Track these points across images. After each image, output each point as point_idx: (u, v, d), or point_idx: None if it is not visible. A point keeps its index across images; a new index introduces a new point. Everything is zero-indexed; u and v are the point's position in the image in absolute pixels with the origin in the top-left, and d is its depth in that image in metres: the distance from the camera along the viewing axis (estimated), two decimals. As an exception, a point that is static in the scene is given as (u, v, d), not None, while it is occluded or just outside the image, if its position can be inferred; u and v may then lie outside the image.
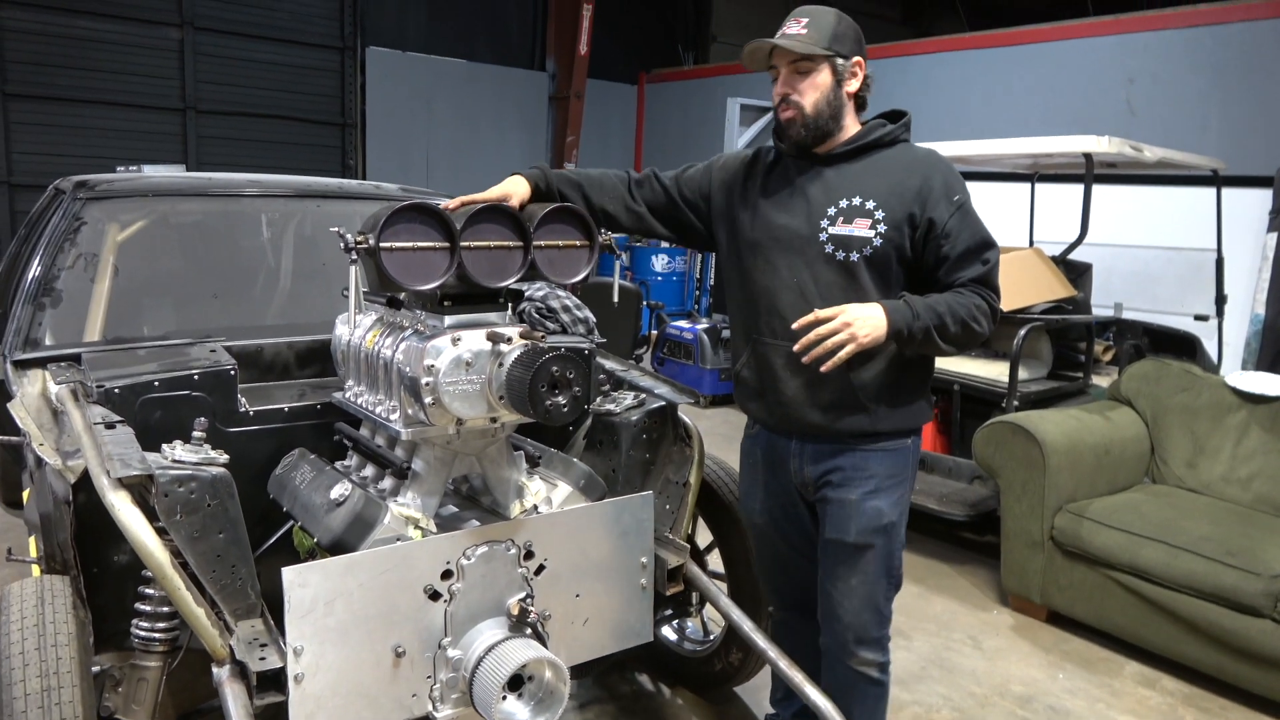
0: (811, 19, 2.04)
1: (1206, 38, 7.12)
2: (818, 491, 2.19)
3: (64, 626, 1.73)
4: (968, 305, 2.00)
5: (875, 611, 2.18)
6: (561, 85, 10.99)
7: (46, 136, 8.38)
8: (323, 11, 9.73)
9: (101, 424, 1.89)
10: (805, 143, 2.08)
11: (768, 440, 2.26)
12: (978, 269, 2.03)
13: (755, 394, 2.22)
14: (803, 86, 2.04)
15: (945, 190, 2.03)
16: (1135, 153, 4.54)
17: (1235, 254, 5.86)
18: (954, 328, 1.98)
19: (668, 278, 10.28)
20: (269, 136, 9.53)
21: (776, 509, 2.31)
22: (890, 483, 2.15)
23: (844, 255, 2.04)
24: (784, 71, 2.07)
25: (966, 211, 2.04)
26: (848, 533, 2.14)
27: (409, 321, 2.11)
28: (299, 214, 3.29)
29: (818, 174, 2.10)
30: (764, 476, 2.30)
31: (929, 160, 2.09)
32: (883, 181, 2.05)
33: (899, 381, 2.10)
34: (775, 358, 2.12)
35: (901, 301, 1.99)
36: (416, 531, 2.03)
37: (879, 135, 2.09)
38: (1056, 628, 3.66)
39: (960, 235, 2.02)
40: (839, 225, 2.04)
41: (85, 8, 8.37)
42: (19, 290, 2.65)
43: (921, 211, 2.02)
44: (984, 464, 3.85)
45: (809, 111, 2.04)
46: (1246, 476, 3.69)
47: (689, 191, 2.30)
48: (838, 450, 2.14)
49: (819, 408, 2.09)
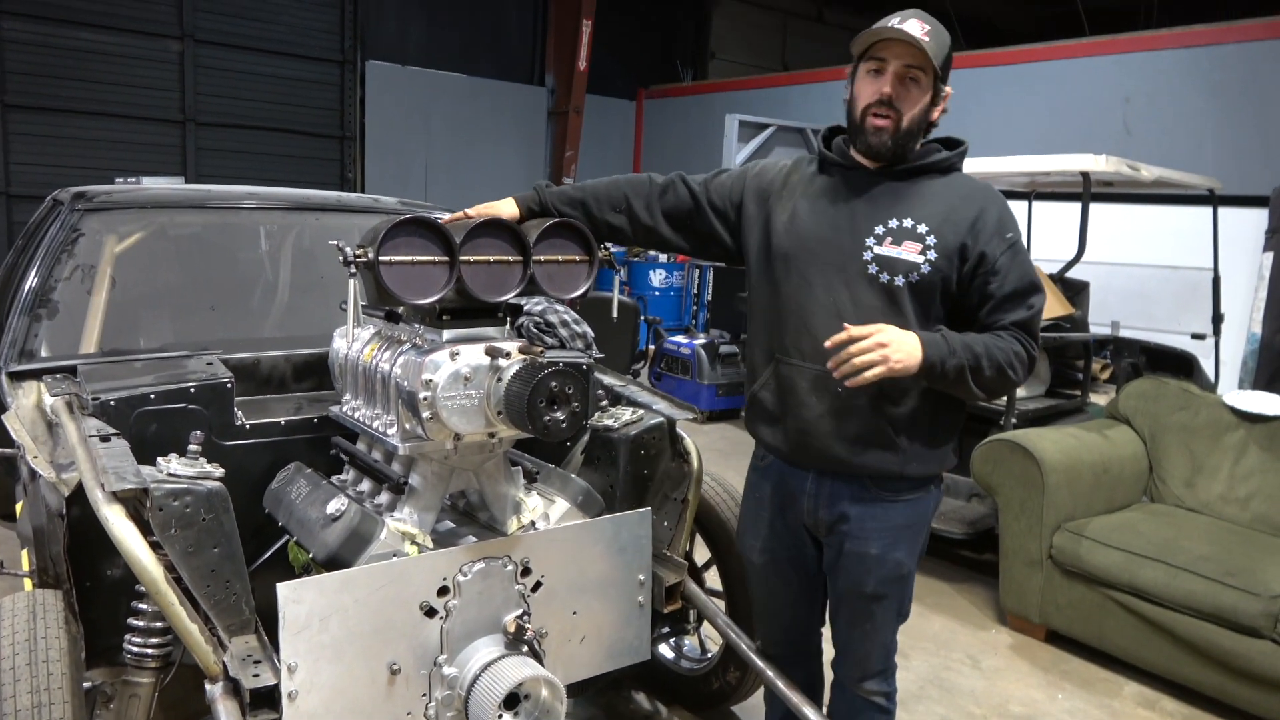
0: (934, 29, 1.86)
1: (1203, 58, 7.18)
2: (831, 535, 2.04)
3: (55, 642, 1.70)
4: (1006, 351, 1.86)
5: (883, 649, 2.12)
6: (560, 100, 11.03)
7: (45, 147, 8.38)
8: (323, 25, 9.77)
9: (96, 436, 1.88)
10: (883, 155, 1.91)
11: (779, 475, 2.09)
12: (1022, 313, 1.89)
13: (773, 418, 2.04)
14: (910, 96, 1.87)
15: (999, 226, 1.89)
16: (1132, 172, 4.55)
17: (1232, 273, 5.88)
18: (989, 371, 1.84)
19: (665, 293, 10.29)
20: (268, 149, 9.55)
21: (780, 549, 2.15)
22: (909, 533, 2.02)
23: (888, 278, 1.88)
24: (894, 72, 1.86)
25: (1018, 250, 1.90)
26: (865, 584, 2.02)
27: (407, 335, 2.10)
28: (297, 226, 3.29)
29: (866, 188, 1.95)
30: (770, 515, 2.13)
31: (985, 193, 1.95)
32: (937, 207, 1.90)
33: (932, 421, 1.95)
34: (800, 380, 1.96)
35: (939, 335, 1.84)
36: (413, 547, 2.02)
37: (937, 159, 1.94)
38: (1055, 647, 3.64)
39: (1009, 275, 1.88)
40: (886, 245, 1.89)
41: (86, 20, 8.39)
42: (15, 301, 2.64)
43: (974, 244, 1.87)
44: (982, 482, 3.84)
45: (905, 125, 1.88)
46: (1245, 496, 3.68)
47: (718, 198, 2.13)
48: (858, 495, 1.98)
49: (845, 439, 1.93)
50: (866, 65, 1.91)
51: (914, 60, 1.85)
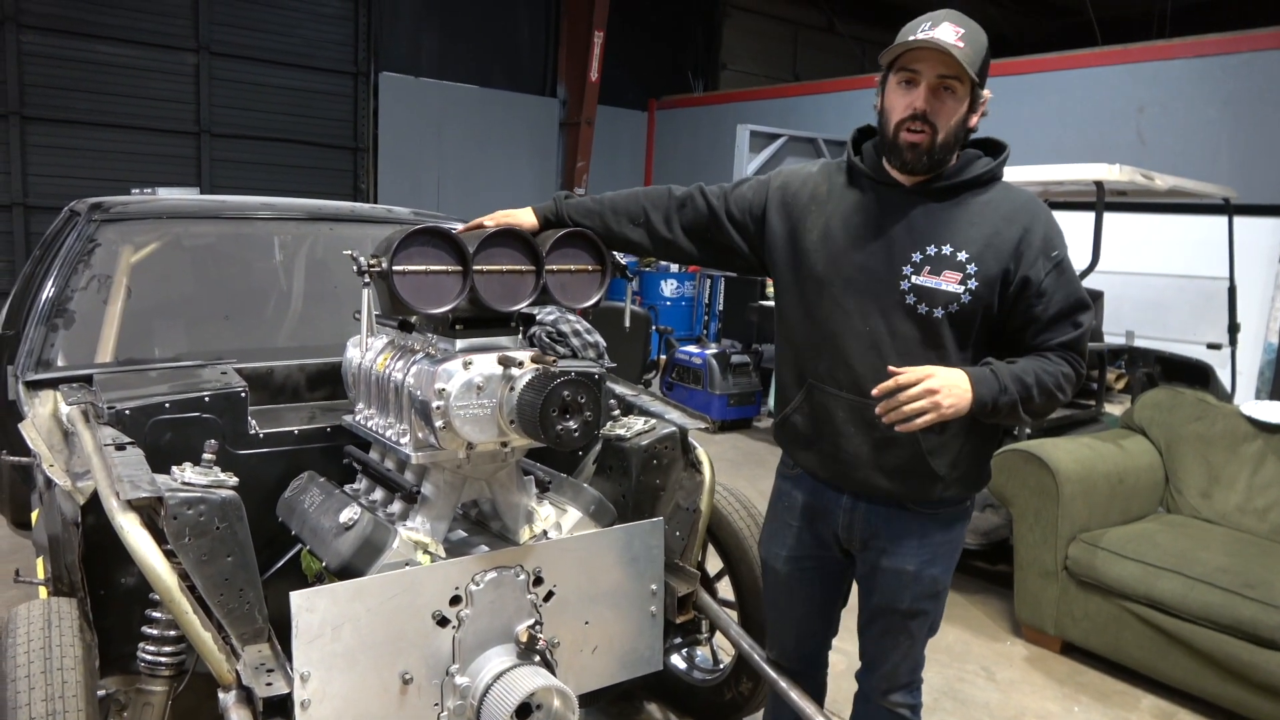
0: (968, 32, 1.73)
1: (1215, 67, 7.15)
2: (866, 550, 2.00)
3: (70, 650, 1.71)
4: (1055, 375, 1.77)
5: (913, 662, 2.08)
6: (572, 111, 11.07)
7: (63, 159, 8.46)
8: (337, 38, 9.85)
9: (112, 445, 1.89)
10: (918, 171, 1.81)
11: (812, 488, 2.03)
12: (1069, 333, 1.80)
13: (808, 442, 1.98)
14: (946, 109, 1.75)
15: (1045, 246, 1.79)
16: (1146, 181, 4.53)
17: (1248, 282, 5.84)
18: (1039, 399, 1.76)
19: (676, 302, 10.29)
20: (282, 160, 9.62)
21: (806, 559, 2.08)
22: (947, 548, 1.98)
23: (926, 309, 1.80)
24: (928, 84, 1.74)
25: (1064, 269, 1.80)
26: (901, 601, 1.97)
27: (420, 345, 2.11)
28: (311, 237, 3.31)
29: (903, 210, 1.83)
30: (798, 525, 2.06)
31: (1030, 209, 1.83)
32: (979, 231, 1.80)
33: (971, 448, 1.91)
34: (837, 409, 1.89)
35: (988, 371, 1.75)
36: (425, 556, 2.02)
37: (978, 173, 1.83)
38: (1071, 659, 3.60)
39: (1055, 296, 1.79)
40: (924, 275, 1.79)
41: (104, 33, 8.48)
42: (33, 311, 2.67)
43: (1016, 268, 1.78)
44: (996, 493, 3.81)
45: (940, 139, 1.76)
46: (1263, 507, 3.64)
47: (737, 210, 2.04)
48: (895, 515, 1.93)
49: (884, 471, 1.88)
50: (897, 76, 1.79)
51: (948, 70, 1.73)
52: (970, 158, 1.86)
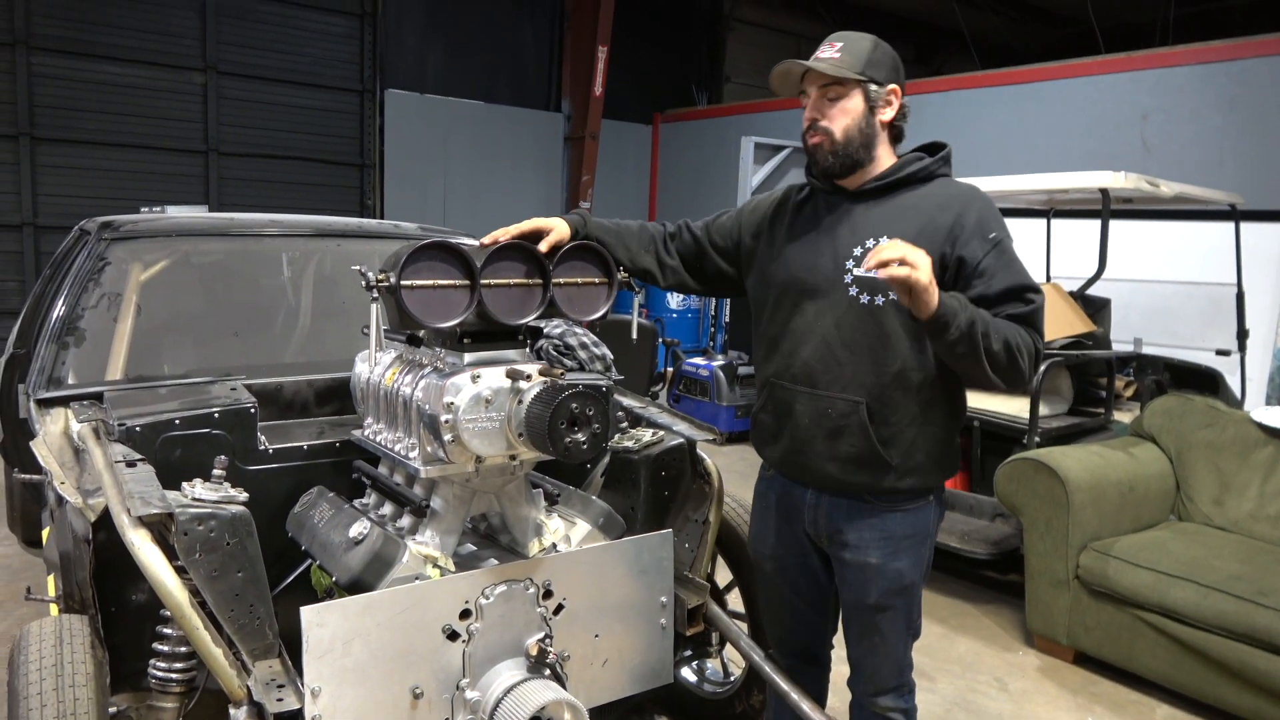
0: (846, 43, 1.96)
1: (1219, 74, 7.14)
2: (833, 547, 2.09)
3: (82, 667, 1.72)
4: (1011, 330, 1.82)
5: (895, 664, 2.12)
6: (577, 126, 11.12)
7: (72, 179, 8.53)
8: (344, 56, 9.92)
9: (122, 462, 1.90)
10: (833, 171, 1.97)
11: (782, 486, 2.16)
12: (1020, 307, 1.86)
13: (772, 437, 2.12)
14: (832, 112, 1.94)
15: (979, 227, 1.88)
16: (1152, 188, 4.53)
17: (1256, 288, 5.82)
18: (996, 345, 1.79)
19: (683, 314, 10.30)
20: (289, 177, 9.67)
21: (788, 556, 2.20)
22: (910, 543, 2.04)
23: (869, 299, 1.92)
24: (814, 96, 1.96)
25: (1004, 250, 1.88)
26: (868, 595, 2.05)
27: (428, 359, 2.11)
28: (319, 253, 3.33)
29: (846, 212, 2.00)
30: (776, 522, 2.20)
31: (965, 197, 1.94)
32: (914, 222, 1.91)
33: (921, 434, 1.97)
34: (795, 403, 2.02)
35: (953, 296, 1.80)
36: (435, 570, 2.02)
37: (913, 170, 1.97)
38: (1084, 669, 3.58)
39: (997, 275, 1.86)
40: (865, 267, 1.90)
41: (113, 54, 8.56)
42: (43, 329, 2.68)
43: (952, 250, 1.88)
44: (1006, 501, 3.80)
45: (838, 138, 1.94)
46: (1276, 513, 3.62)
47: (719, 238, 2.23)
48: (855, 508, 2.03)
49: (837, 459, 1.99)
50: (800, 101, 2.02)
51: (825, 80, 1.94)
52: (910, 159, 2.00)
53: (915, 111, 2.11)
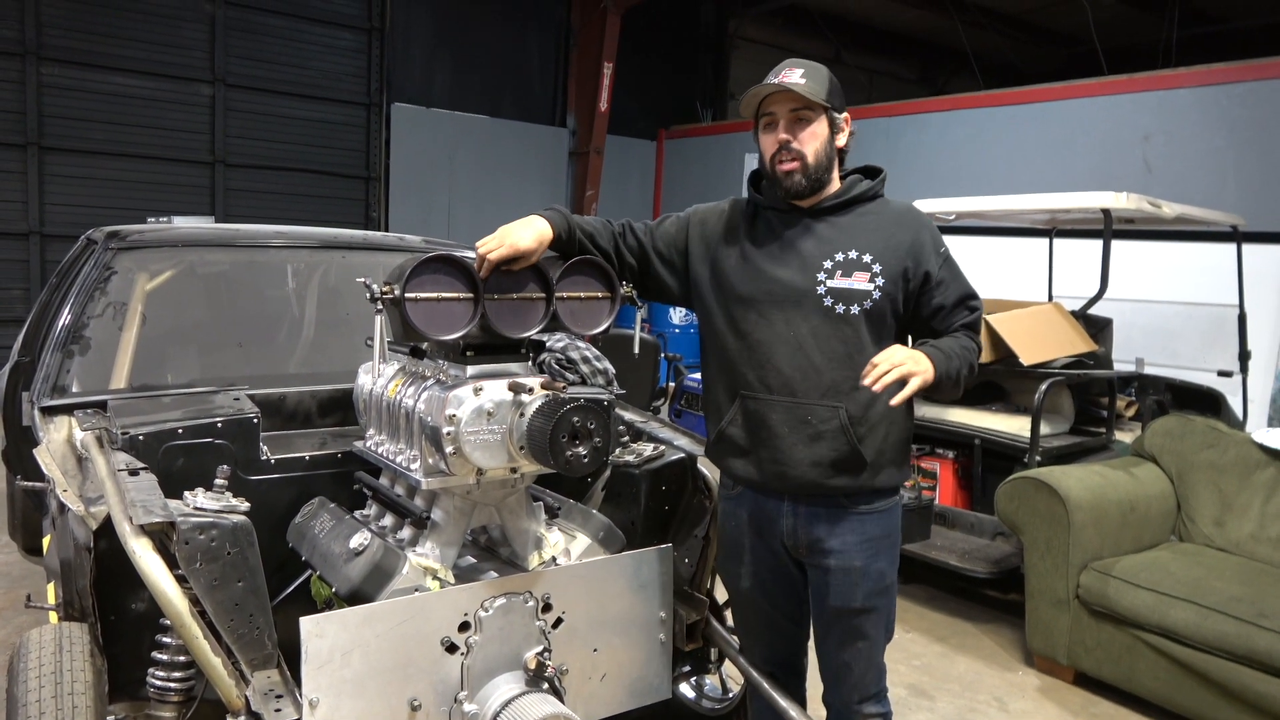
0: (807, 69, 2.04)
1: (1221, 96, 7.18)
2: (813, 555, 2.13)
3: (81, 675, 1.72)
4: (970, 349, 2.07)
5: (877, 667, 2.19)
6: (582, 141, 11.17)
7: (79, 189, 8.57)
8: (351, 70, 9.99)
9: (125, 470, 1.90)
10: (803, 193, 2.06)
11: (753, 501, 2.18)
12: (967, 315, 2.10)
13: (743, 451, 2.14)
14: (804, 135, 2.03)
15: (934, 244, 2.09)
16: (1153, 208, 4.55)
17: (1258, 309, 5.82)
18: (965, 371, 2.04)
19: (685, 330, 10.31)
20: (295, 189, 9.72)
21: (764, 572, 2.22)
22: (887, 543, 2.14)
23: (843, 309, 2.03)
24: (785, 119, 2.04)
25: (951, 263, 2.11)
26: (854, 598, 2.10)
27: (431, 371, 2.12)
28: (324, 265, 3.34)
29: (807, 227, 2.09)
30: (749, 540, 2.21)
31: (913, 215, 2.13)
32: (876, 236, 2.06)
33: (892, 432, 2.09)
34: (771, 414, 2.07)
35: (932, 349, 2.00)
36: (435, 582, 2.02)
37: (862, 190, 2.11)
38: (1084, 690, 3.57)
39: (951, 285, 2.08)
40: (837, 278, 2.03)
41: (122, 65, 8.62)
42: (49, 338, 2.70)
43: (916, 265, 2.05)
44: (1006, 520, 3.79)
45: (811, 161, 2.03)
46: (1277, 535, 3.61)
47: (663, 246, 2.24)
48: (834, 514, 2.09)
49: (819, 465, 2.04)
50: (762, 122, 2.10)
51: (797, 103, 2.03)
52: (855, 181, 2.14)
53: (919, 130, 2.19)
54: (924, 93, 13.05)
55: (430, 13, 10.44)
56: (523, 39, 11.25)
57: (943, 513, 4.56)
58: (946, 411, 4.63)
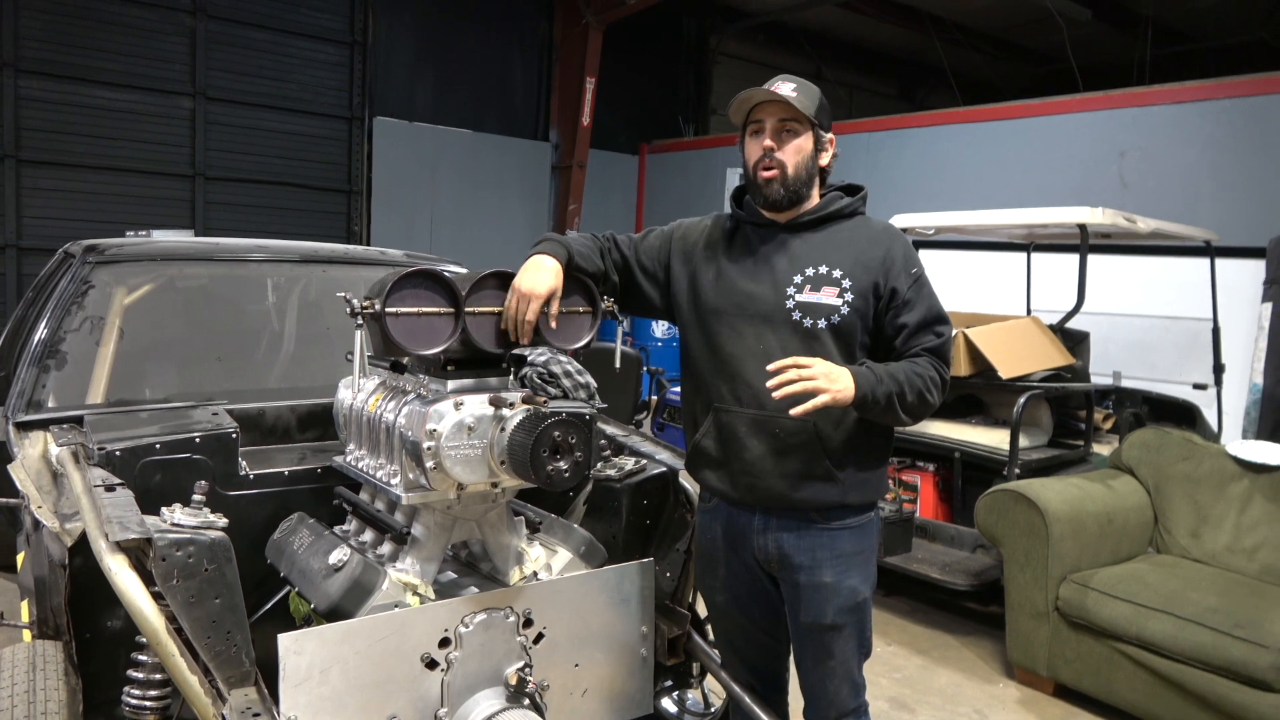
0: (799, 85, 2.07)
1: (1194, 113, 7.29)
2: (784, 571, 2.12)
3: (55, 694, 1.70)
4: (924, 376, 2.00)
5: (852, 683, 2.18)
6: (564, 155, 11.20)
7: (58, 201, 8.49)
8: (333, 84, 9.97)
9: (101, 486, 1.89)
10: (780, 204, 2.08)
11: (727, 515, 2.18)
12: (932, 340, 2.05)
13: (717, 463, 2.14)
14: (788, 148, 2.06)
15: (905, 263, 2.07)
16: (1129, 224, 4.61)
17: (1232, 323, 5.90)
18: (911, 398, 1.98)
19: (667, 343, 10.32)
20: (276, 203, 9.67)
21: (739, 586, 2.21)
22: (860, 559, 2.12)
23: (811, 323, 2.04)
24: (771, 127, 2.06)
25: (923, 284, 2.08)
26: (824, 615, 2.09)
27: (412, 386, 2.12)
28: (304, 279, 3.33)
29: (782, 242, 2.11)
30: (724, 554, 2.21)
31: (889, 233, 2.13)
32: (848, 252, 2.07)
33: (866, 449, 2.08)
34: (740, 426, 2.08)
35: (865, 367, 1.99)
36: (415, 598, 2.01)
37: (840, 206, 2.12)
38: (1064, 701, 3.58)
39: (917, 306, 2.05)
40: (806, 293, 2.04)
41: (102, 79, 8.56)
42: (24, 352, 2.67)
43: (885, 281, 2.05)
44: (986, 533, 3.81)
45: (790, 173, 2.05)
46: (1251, 546, 3.65)
47: (647, 260, 2.26)
48: (805, 528, 2.08)
49: (787, 477, 2.04)
50: (749, 129, 2.12)
51: (786, 114, 2.06)
52: (834, 197, 2.15)
53: (899, 145, 2.20)
54: (904, 108, 13.17)
55: (413, 27, 10.45)
56: (505, 54, 11.28)
57: (923, 525, 4.58)
58: (926, 424, 4.66)
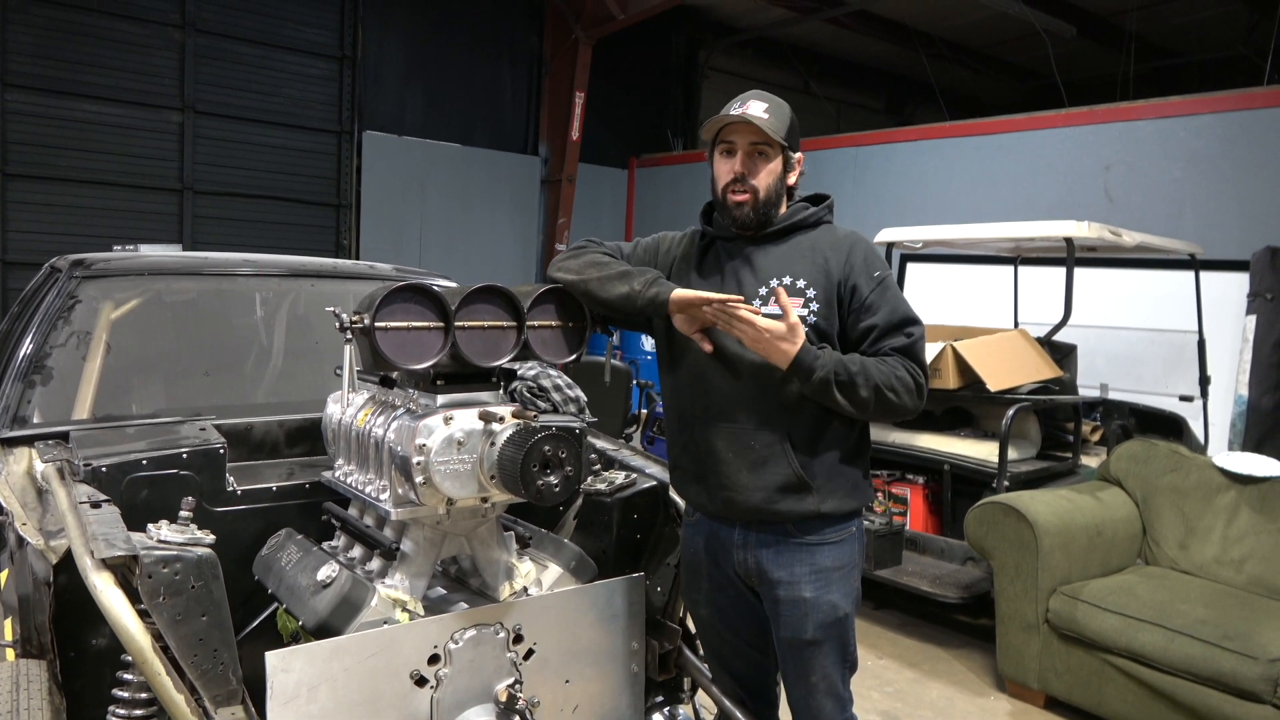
0: (772, 105, 2.07)
1: (1179, 128, 7.36)
2: (764, 586, 2.12)
3: (39, 713, 1.67)
4: (887, 373, 1.97)
5: (836, 699, 2.16)
6: (554, 169, 11.23)
7: (44, 215, 8.45)
8: (322, 98, 9.97)
9: (87, 503, 1.87)
10: (750, 226, 2.09)
11: (709, 529, 2.18)
12: (900, 340, 2.02)
13: (695, 478, 2.15)
14: (760, 172, 2.06)
15: (866, 265, 2.07)
16: (1114, 237, 4.65)
17: (1217, 336, 5.95)
18: (864, 391, 1.95)
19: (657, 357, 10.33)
20: (264, 217, 9.65)
21: (723, 599, 2.21)
22: (840, 575, 2.10)
23: None
24: (743, 151, 2.07)
25: (888, 287, 2.06)
26: (804, 631, 2.08)
27: (401, 400, 2.11)
28: (293, 293, 3.31)
29: (747, 256, 2.12)
30: (707, 568, 2.20)
31: (851, 238, 2.12)
32: (810, 261, 2.08)
33: (841, 460, 2.07)
34: (715, 439, 2.08)
35: (819, 348, 1.98)
36: (404, 614, 2.00)
37: (803, 217, 2.13)
38: (1055, 714, 3.58)
39: (882, 308, 2.03)
40: (771, 305, 2.03)
41: (89, 92, 8.55)
42: (9, 367, 2.65)
43: (846, 281, 2.05)
44: (976, 545, 3.82)
45: (761, 196, 2.07)
46: (1239, 558, 3.67)
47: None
48: (783, 544, 2.07)
49: (763, 489, 2.04)
50: (719, 148, 2.12)
51: (758, 138, 2.05)
52: (799, 208, 2.16)
53: (886, 159, 2.21)
54: (891, 123, 13.27)
55: (402, 41, 10.48)
56: (495, 68, 11.31)
57: (913, 538, 4.59)
58: (915, 437, 4.67)
